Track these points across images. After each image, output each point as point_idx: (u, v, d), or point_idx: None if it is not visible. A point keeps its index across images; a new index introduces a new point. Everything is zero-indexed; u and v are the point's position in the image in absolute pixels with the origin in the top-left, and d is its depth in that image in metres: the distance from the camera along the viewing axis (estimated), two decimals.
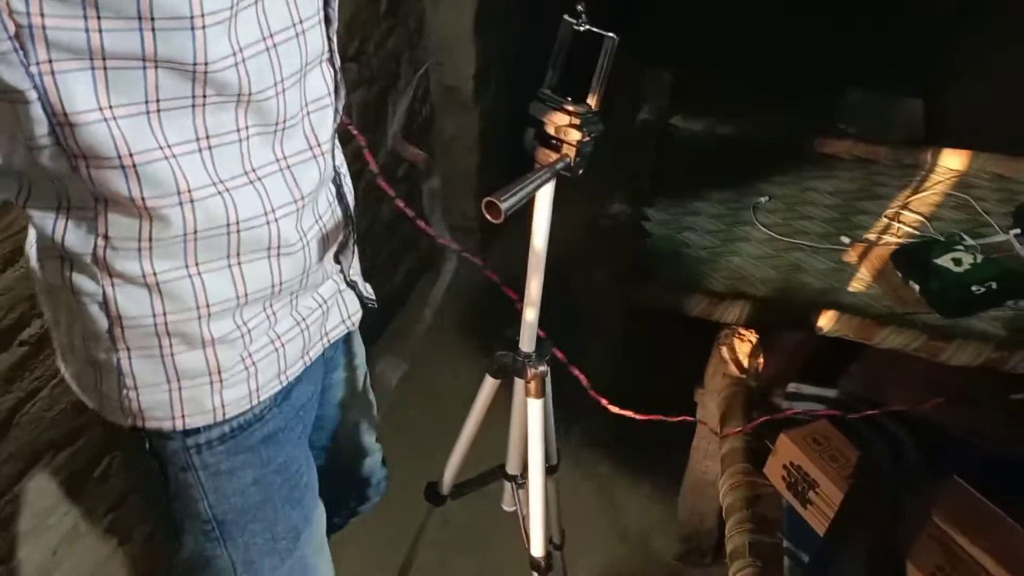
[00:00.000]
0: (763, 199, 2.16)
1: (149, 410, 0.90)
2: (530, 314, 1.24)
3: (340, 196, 0.99)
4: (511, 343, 1.30)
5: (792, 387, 1.72)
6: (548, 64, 1.08)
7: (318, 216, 0.93)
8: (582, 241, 1.85)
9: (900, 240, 2.00)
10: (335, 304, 1.04)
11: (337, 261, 1.02)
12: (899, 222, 2.06)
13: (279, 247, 0.87)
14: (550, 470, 1.40)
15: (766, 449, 1.54)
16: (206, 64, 0.72)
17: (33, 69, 0.67)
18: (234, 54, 0.74)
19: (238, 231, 0.83)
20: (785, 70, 3.57)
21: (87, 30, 0.66)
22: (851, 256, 1.96)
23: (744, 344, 1.72)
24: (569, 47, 1.05)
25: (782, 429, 1.52)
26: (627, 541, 2.11)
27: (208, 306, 0.86)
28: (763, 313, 1.79)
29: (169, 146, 0.75)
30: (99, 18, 0.66)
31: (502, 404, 1.40)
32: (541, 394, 1.27)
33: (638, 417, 1.41)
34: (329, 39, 0.88)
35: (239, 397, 0.93)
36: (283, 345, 0.95)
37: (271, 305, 0.92)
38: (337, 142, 0.98)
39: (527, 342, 1.27)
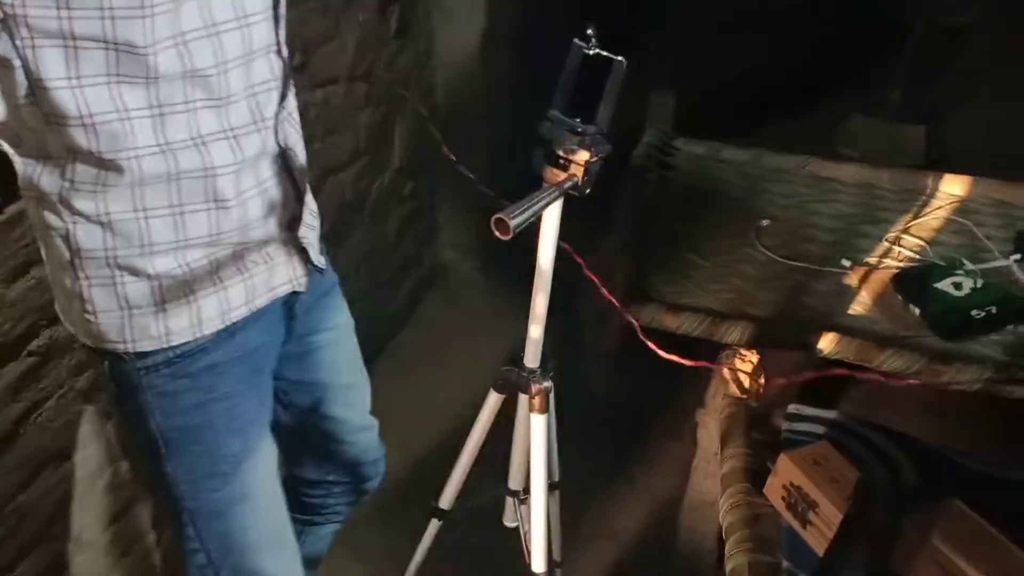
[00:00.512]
0: (765, 221, 2.18)
1: (106, 333, 1.03)
2: (535, 330, 1.25)
3: (288, 171, 1.09)
4: (516, 359, 1.31)
5: (792, 408, 1.73)
6: (557, 86, 1.10)
7: (259, 182, 1.05)
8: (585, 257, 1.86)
9: (901, 264, 2.01)
10: (283, 265, 1.13)
11: (290, 228, 1.12)
12: (900, 246, 2.08)
13: (216, 200, 1.00)
14: (552, 486, 1.41)
15: (766, 469, 1.55)
16: (153, 46, 0.87)
17: (18, 43, 0.84)
18: (173, 37, 0.88)
19: (178, 180, 0.97)
20: (789, 95, 3.60)
21: (59, 18, 0.83)
22: (852, 279, 1.98)
23: (745, 365, 1.73)
24: (578, 70, 1.07)
25: (782, 449, 1.53)
26: (626, 559, 2.11)
27: (151, 244, 0.99)
28: (764, 334, 1.80)
29: (127, 110, 0.90)
30: (69, 8, 0.83)
31: (504, 419, 1.41)
32: (545, 409, 1.28)
33: (687, 363, 1.42)
34: (277, 34, 1.01)
35: (181, 327, 1.05)
36: (225, 288, 1.07)
37: (212, 250, 1.04)
38: (294, 126, 1.10)
39: (531, 357, 1.28)
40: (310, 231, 1.16)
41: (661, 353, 1.38)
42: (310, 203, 1.17)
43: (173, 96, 0.92)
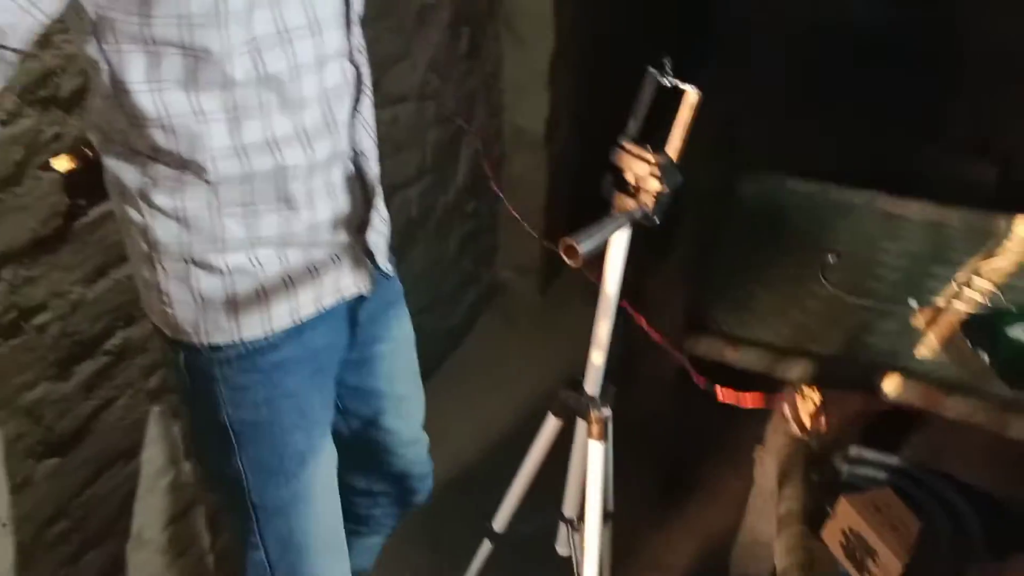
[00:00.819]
0: (830, 256, 2.15)
1: (182, 325, 1.07)
2: (597, 357, 1.25)
3: (360, 176, 1.12)
4: (575, 384, 1.31)
5: (854, 450, 1.69)
6: (630, 114, 1.10)
7: (330, 184, 1.07)
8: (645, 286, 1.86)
9: (970, 307, 1.96)
10: (350, 267, 1.15)
11: (359, 231, 1.14)
12: (970, 288, 2.03)
13: (287, 200, 1.03)
14: (606, 516, 1.40)
15: (824, 512, 1.52)
16: (229, 52, 0.91)
17: (105, 47, 0.90)
18: (247, 43, 0.92)
19: (251, 181, 0.99)
20: (859, 129, 3.55)
21: (140, 24, 0.87)
22: (918, 320, 1.94)
23: (807, 403, 1.70)
24: (652, 98, 1.08)
25: (842, 493, 1.50)
26: None
27: (224, 241, 1.02)
28: (826, 372, 1.77)
29: (203, 112, 0.94)
30: (150, 15, 0.87)
31: (563, 444, 1.41)
32: (603, 437, 1.27)
33: (744, 404, 1.40)
34: (349, 40, 1.04)
35: (252, 323, 1.07)
36: (294, 287, 1.09)
37: (283, 249, 1.06)
38: (368, 132, 1.13)
39: (592, 384, 1.28)
40: (378, 236, 1.18)
41: (718, 393, 1.36)
42: (380, 209, 1.18)
43: (248, 100, 0.95)
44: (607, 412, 1.27)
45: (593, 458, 1.27)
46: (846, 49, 4.26)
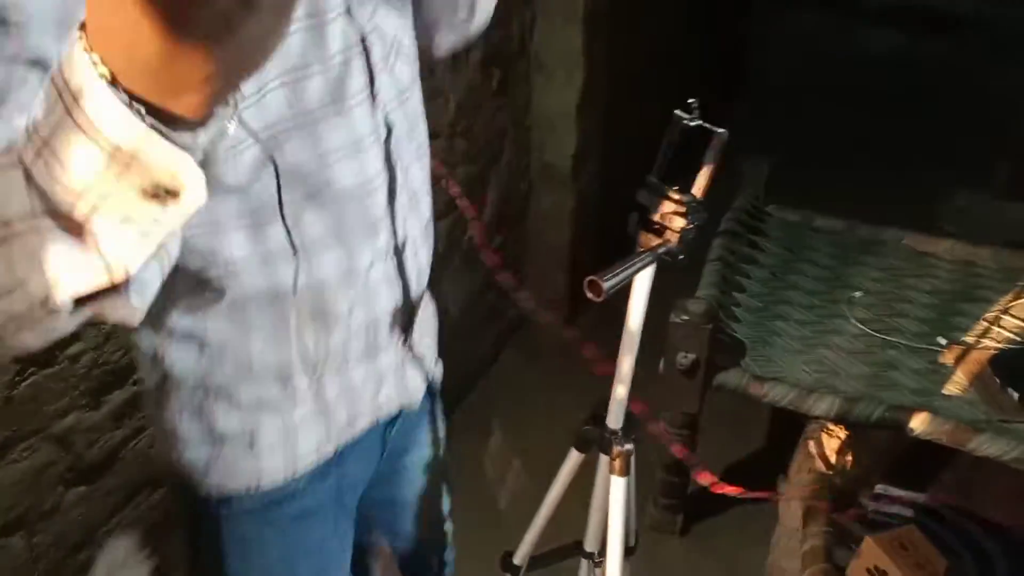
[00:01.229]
0: (857, 293, 2.14)
1: (190, 468, 0.93)
2: (620, 391, 1.26)
3: (401, 270, 0.96)
4: (598, 418, 1.31)
5: (879, 488, 1.68)
6: (657, 153, 1.12)
7: (369, 291, 0.92)
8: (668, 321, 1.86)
9: (1000, 345, 1.95)
10: (393, 377, 1.00)
11: (404, 331, 0.99)
12: (999, 327, 2.01)
13: (324, 315, 0.88)
14: (628, 551, 1.40)
15: (849, 550, 1.51)
16: (238, 143, 0.77)
17: None
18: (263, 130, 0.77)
19: (279, 295, 0.85)
20: (887, 165, 3.55)
21: None
22: (947, 358, 1.92)
23: (832, 440, 1.69)
24: (679, 139, 1.09)
25: (867, 531, 1.48)
26: None
27: (251, 369, 0.88)
28: (853, 409, 1.76)
29: (217, 223, 0.80)
30: None
31: (584, 479, 1.41)
32: (625, 472, 1.28)
33: (744, 495, 1.39)
34: (376, 122, 0.87)
35: (275, 466, 0.93)
36: (328, 416, 0.95)
37: (315, 372, 0.91)
38: (418, 213, 0.97)
39: (615, 419, 1.29)
40: (426, 336, 1.04)
41: (717, 488, 1.35)
42: (428, 303, 1.04)
43: (265, 201, 0.80)
44: (629, 447, 1.27)
45: (615, 493, 1.28)
46: (876, 86, 4.28)
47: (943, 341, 1.96)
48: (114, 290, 0.53)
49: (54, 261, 0.50)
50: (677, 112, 1.07)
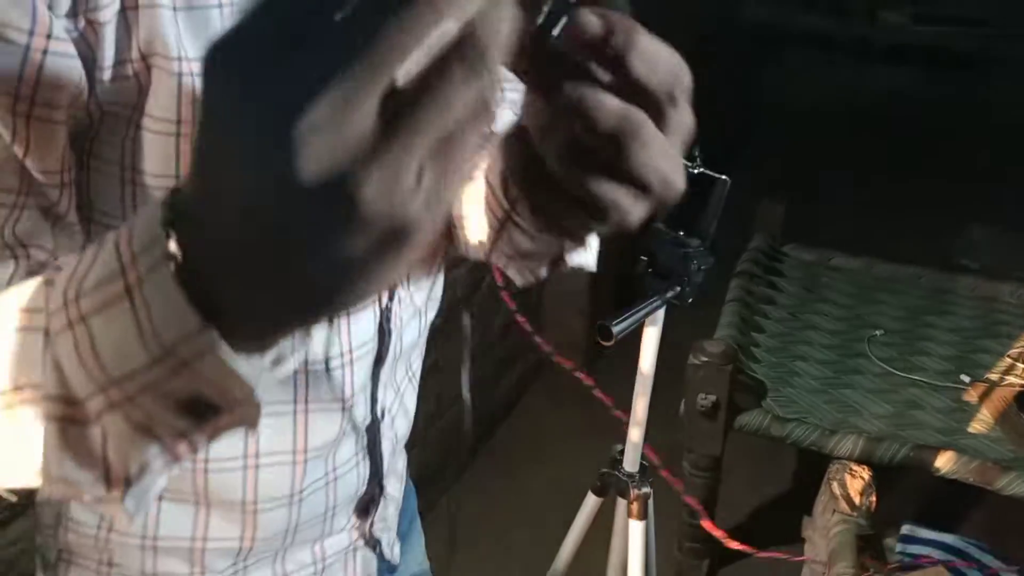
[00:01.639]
0: (878, 332, 2.14)
1: None
2: (635, 434, 1.27)
3: (373, 445, 0.79)
4: (615, 462, 1.32)
5: (906, 529, 1.66)
6: None
7: (331, 468, 0.75)
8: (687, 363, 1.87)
9: None
10: (341, 563, 0.83)
11: (362, 514, 0.83)
12: (1023, 363, 1.99)
13: (256, 501, 0.71)
14: None
15: None
16: None
17: None
18: None
19: (205, 471, 0.68)
20: (903, 202, 3.55)
21: None
22: (971, 396, 1.90)
23: (856, 481, 1.68)
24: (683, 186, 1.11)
25: (895, 573, 1.46)
26: None
27: (156, 538, 0.72)
28: (877, 449, 1.75)
29: None
30: None
31: (604, 522, 1.41)
32: (644, 516, 1.28)
33: (757, 553, 1.38)
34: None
35: None
36: None
37: (243, 559, 0.76)
38: (401, 376, 0.82)
39: (631, 462, 1.29)
40: (387, 515, 0.87)
41: (731, 544, 1.33)
42: (397, 470, 0.87)
43: None
44: (647, 490, 1.27)
45: (634, 537, 1.28)
46: (887, 122, 4.29)
47: (966, 379, 1.95)
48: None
49: (46, 454, 0.42)
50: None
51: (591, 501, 1.38)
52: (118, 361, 0.38)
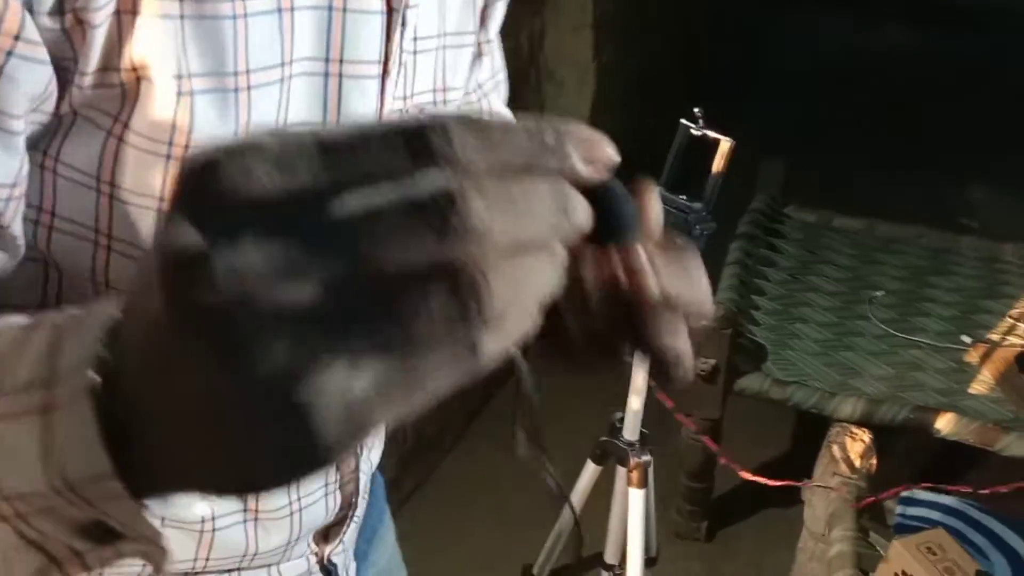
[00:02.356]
0: (879, 293, 2.12)
1: None
2: (635, 402, 1.25)
3: (351, 478, 0.75)
4: (615, 430, 1.31)
5: (906, 491, 1.65)
6: (664, 163, 1.12)
7: (294, 499, 0.71)
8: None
9: None
10: None
11: (321, 540, 0.79)
12: None
13: (214, 519, 0.67)
14: (648, 562, 1.39)
15: (876, 555, 1.49)
16: None
17: None
18: None
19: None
20: (904, 162, 3.52)
21: None
22: (972, 356, 1.89)
23: (856, 443, 1.67)
24: (685, 148, 1.09)
25: (894, 535, 1.46)
26: None
27: (100, 573, 0.68)
28: (877, 411, 1.74)
29: None
30: None
31: (602, 489, 1.41)
32: (643, 484, 1.27)
33: (771, 483, 1.36)
34: None
35: None
36: None
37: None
38: None
39: (631, 430, 1.28)
40: (347, 538, 0.82)
41: (745, 475, 1.32)
42: (362, 501, 0.81)
43: None
44: (647, 458, 1.27)
45: (634, 505, 1.27)
46: (888, 81, 4.24)
47: (968, 340, 1.93)
48: None
49: None
50: (683, 121, 1.07)
51: (590, 469, 1.37)
52: (14, 477, 0.33)
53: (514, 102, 0.71)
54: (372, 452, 0.80)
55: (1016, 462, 1.66)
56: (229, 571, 0.72)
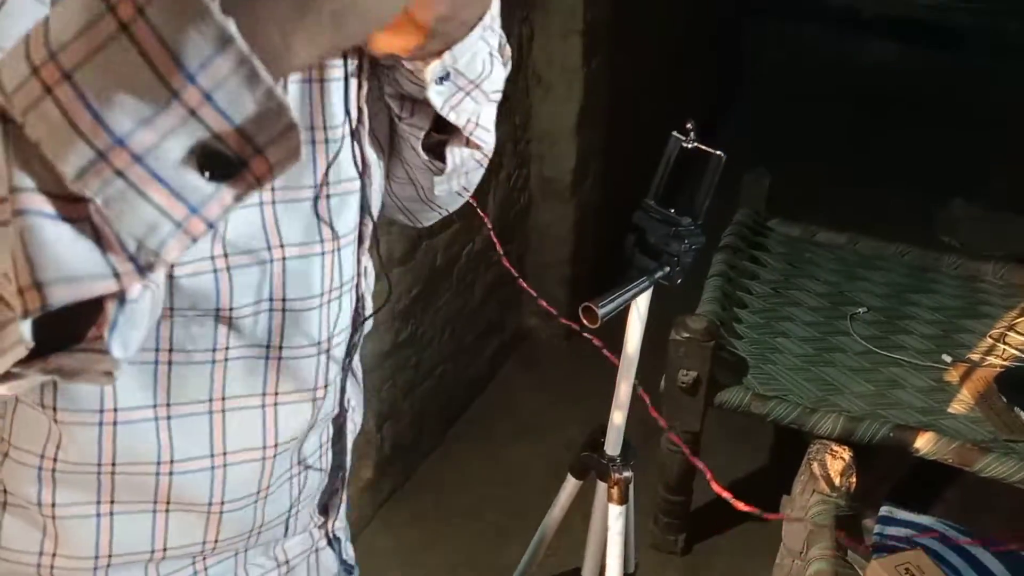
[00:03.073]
0: (861, 310, 2.12)
1: None
2: (618, 417, 1.24)
3: (339, 436, 0.77)
4: (596, 444, 1.29)
5: (884, 510, 1.65)
6: (654, 175, 1.10)
7: (295, 462, 0.72)
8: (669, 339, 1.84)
9: (1006, 363, 1.92)
10: (304, 565, 0.81)
11: (323, 513, 0.81)
12: (1005, 344, 1.98)
13: (222, 502, 0.67)
14: None
15: (854, 574, 1.48)
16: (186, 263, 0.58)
17: None
18: (213, 259, 0.59)
19: (169, 473, 0.64)
20: (889, 179, 3.53)
21: None
22: (952, 376, 1.90)
23: (836, 461, 1.66)
24: (676, 161, 1.07)
25: (872, 554, 1.45)
26: None
27: (110, 556, 0.66)
28: (857, 429, 1.74)
29: None
30: None
31: (585, 501, 1.39)
32: (623, 500, 1.25)
33: (738, 506, 1.34)
34: (359, 265, 0.71)
35: None
36: None
37: (203, 560, 0.71)
38: (358, 364, 0.80)
39: (613, 445, 1.26)
40: (341, 515, 0.85)
41: (739, 505, 1.31)
42: (347, 473, 0.84)
43: (190, 339, 0.61)
44: (628, 474, 1.25)
45: (613, 521, 1.25)
46: (873, 96, 4.26)
47: (948, 359, 1.94)
48: (96, 328, 0.39)
49: (45, 250, 0.37)
50: (675, 134, 1.05)
51: (570, 484, 1.35)
52: (127, 112, 0.35)
53: (502, 106, 0.71)
54: (355, 413, 0.81)
55: (994, 482, 1.66)
56: (236, 553, 0.74)
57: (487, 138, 0.69)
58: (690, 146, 1.04)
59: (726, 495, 1.31)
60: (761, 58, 4.46)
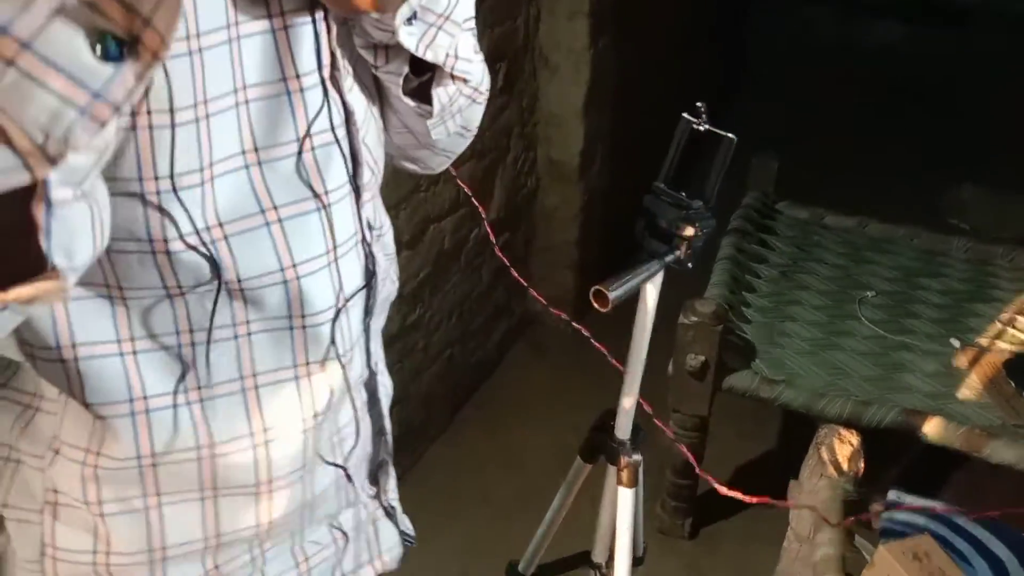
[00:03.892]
0: (869, 293, 2.11)
1: None
2: (628, 401, 1.23)
3: (373, 401, 0.78)
4: (605, 427, 1.29)
5: (892, 495, 1.65)
6: (665, 158, 1.09)
7: (335, 431, 0.73)
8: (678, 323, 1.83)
9: (1015, 347, 1.91)
10: (361, 537, 0.80)
11: (374, 482, 0.81)
12: (1014, 328, 1.98)
13: (270, 480, 0.67)
14: (636, 561, 1.38)
15: (862, 559, 1.48)
16: (180, 237, 0.57)
17: None
18: (209, 229, 0.58)
19: (212, 457, 0.64)
20: (897, 161, 3.51)
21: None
22: (961, 360, 1.89)
23: (844, 446, 1.66)
24: (686, 144, 1.06)
25: (880, 539, 1.45)
26: None
27: (164, 548, 0.66)
28: (865, 413, 1.73)
29: (132, 339, 0.60)
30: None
31: (593, 485, 1.39)
32: (633, 483, 1.25)
33: (746, 499, 1.35)
34: (360, 219, 0.69)
35: None
36: None
37: (259, 544, 0.71)
38: (378, 330, 0.79)
39: (623, 429, 1.26)
40: (394, 481, 0.85)
41: (723, 490, 1.31)
42: (389, 438, 0.84)
43: (207, 316, 0.61)
44: (637, 458, 1.25)
45: (623, 505, 1.25)
46: (880, 78, 4.23)
47: (956, 343, 1.93)
48: (32, 244, 0.39)
49: None
50: (685, 116, 1.05)
51: (579, 466, 1.35)
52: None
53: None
54: (384, 376, 0.81)
55: (1002, 468, 1.66)
56: (292, 534, 0.73)
57: (471, 68, 0.67)
58: (702, 128, 1.03)
59: (735, 494, 1.31)
60: (767, 40, 4.42)
